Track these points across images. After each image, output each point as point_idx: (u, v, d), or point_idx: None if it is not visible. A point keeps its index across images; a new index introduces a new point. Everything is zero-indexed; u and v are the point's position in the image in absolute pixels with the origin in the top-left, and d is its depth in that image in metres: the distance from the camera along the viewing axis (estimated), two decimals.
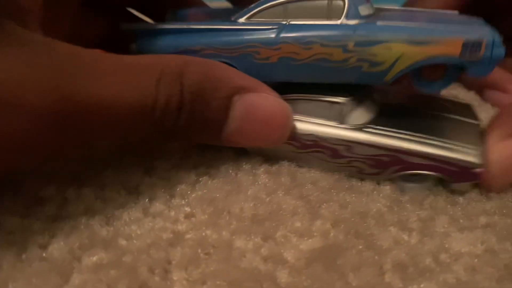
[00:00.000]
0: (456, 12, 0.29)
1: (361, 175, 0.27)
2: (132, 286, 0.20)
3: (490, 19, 0.26)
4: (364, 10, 0.26)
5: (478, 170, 0.25)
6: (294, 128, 0.27)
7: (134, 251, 0.21)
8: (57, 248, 0.21)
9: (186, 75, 0.23)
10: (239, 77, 0.25)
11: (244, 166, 0.28)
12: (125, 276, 0.20)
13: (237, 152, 0.29)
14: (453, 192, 0.27)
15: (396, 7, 0.30)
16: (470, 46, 0.23)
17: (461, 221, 0.24)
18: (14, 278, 0.20)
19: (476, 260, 0.22)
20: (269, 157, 0.29)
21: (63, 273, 0.20)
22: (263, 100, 0.25)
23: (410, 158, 0.25)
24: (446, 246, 0.22)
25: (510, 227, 0.24)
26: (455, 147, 0.25)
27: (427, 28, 0.24)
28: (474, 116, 0.30)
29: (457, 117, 0.29)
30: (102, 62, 0.22)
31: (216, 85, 0.24)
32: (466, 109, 0.31)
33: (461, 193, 0.26)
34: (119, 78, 0.22)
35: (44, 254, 0.21)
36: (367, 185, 0.27)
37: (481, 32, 0.24)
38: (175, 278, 0.20)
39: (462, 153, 0.25)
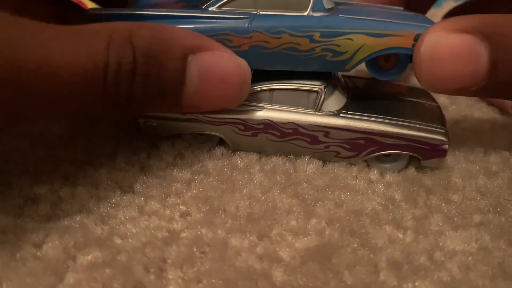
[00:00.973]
0: (401, 8, 0.32)
1: (338, 159, 0.29)
2: (127, 285, 0.20)
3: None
4: (327, 3, 0.27)
5: (445, 146, 0.27)
6: (272, 118, 0.28)
7: (129, 250, 0.21)
8: (52, 247, 0.21)
9: (137, 38, 0.23)
10: (191, 37, 0.25)
11: (239, 164, 0.28)
12: (120, 275, 0.20)
13: (232, 150, 0.29)
14: (447, 190, 0.27)
15: (349, 2, 0.32)
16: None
17: (455, 219, 0.24)
18: (9, 277, 0.20)
19: (470, 258, 0.22)
20: (256, 151, 0.29)
21: (58, 272, 0.20)
22: (218, 58, 0.25)
23: (384, 139, 0.28)
24: (441, 244, 0.23)
25: (504, 226, 0.24)
26: (424, 127, 0.28)
27: (385, 22, 0.26)
28: (432, 99, 0.32)
29: (419, 100, 0.32)
30: (49, 29, 0.21)
31: (169, 45, 0.23)
32: (425, 93, 0.33)
33: (456, 191, 0.27)
34: (66, 44, 0.21)
35: (38, 253, 0.21)
36: (362, 184, 0.27)
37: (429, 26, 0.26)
38: (170, 276, 0.20)
39: (431, 132, 0.27)
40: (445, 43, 0.24)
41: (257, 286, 0.20)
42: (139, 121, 0.29)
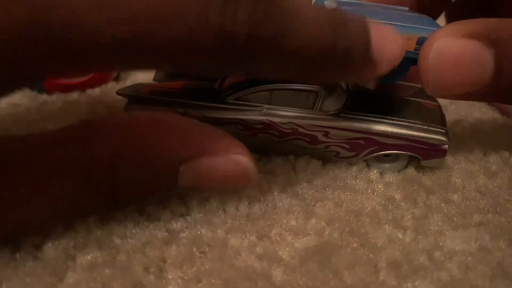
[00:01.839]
0: (406, 8, 0.31)
1: (338, 159, 0.29)
2: (126, 284, 0.20)
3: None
4: (330, 5, 0.27)
5: (445, 146, 0.27)
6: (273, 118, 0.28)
7: (129, 250, 0.21)
8: (51, 247, 0.21)
9: (119, 171, 0.21)
10: (187, 143, 0.22)
11: None
12: (119, 275, 0.20)
13: None
14: (447, 190, 0.27)
15: (352, 1, 0.31)
16: (423, 42, 0.25)
17: (455, 219, 0.24)
18: (8, 277, 0.20)
19: (469, 258, 0.22)
20: (255, 151, 0.29)
21: (58, 272, 0.20)
22: (217, 162, 0.22)
23: (384, 139, 0.27)
24: (440, 244, 0.23)
25: (504, 225, 0.24)
26: (424, 127, 0.27)
27: (387, 24, 0.26)
28: (433, 98, 0.32)
29: (419, 100, 0.31)
30: None
31: (155, 164, 0.22)
32: (423, 92, 0.33)
33: (456, 191, 0.27)
34: None
35: (38, 254, 0.21)
36: (362, 184, 0.27)
37: (433, 29, 0.25)
38: (170, 276, 0.20)
39: (431, 132, 0.27)
40: (454, 49, 0.24)
41: (256, 285, 0.20)
42: None
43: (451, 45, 0.24)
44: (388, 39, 0.23)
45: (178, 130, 0.22)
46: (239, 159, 0.22)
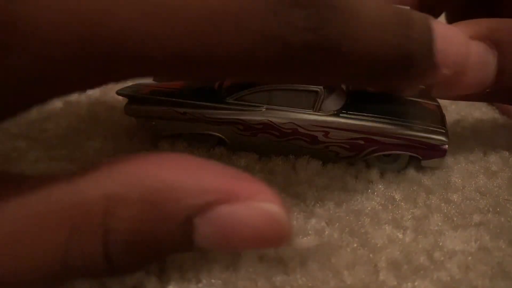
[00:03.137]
0: (407, 8, 0.31)
1: (338, 159, 0.29)
2: (126, 284, 0.20)
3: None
4: None
5: (445, 146, 0.27)
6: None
7: None
8: None
9: (114, 220, 0.16)
10: (201, 190, 0.17)
11: (239, 164, 0.28)
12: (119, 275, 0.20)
13: (232, 150, 0.29)
14: (447, 190, 0.27)
15: None
16: None
17: (455, 219, 0.24)
18: None
19: (469, 258, 0.22)
20: (255, 151, 0.29)
21: None
22: (242, 214, 0.17)
23: (384, 139, 0.27)
24: (440, 244, 0.23)
25: (504, 225, 0.24)
26: (424, 127, 0.27)
27: None
28: (433, 98, 0.32)
29: (418, 99, 0.31)
30: None
31: (163, 214, 0.17)
32: (423, 92, 0.33)
33: (456, 191, 0.27)
34: None
35: None
36: (362, 184, 0.27)
37: None
38: (170, 276, 0.20)
39: (431, 132, 0.27)
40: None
41: (256, 286, 0.20)
42: (138, 120, 0.29)
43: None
44: (453, 40, 0.21)
45: (192, 170, 0.18)
46: (270, 208, 0.17)
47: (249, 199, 0.17)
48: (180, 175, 0.17)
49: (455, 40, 0.21)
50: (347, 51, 0.18)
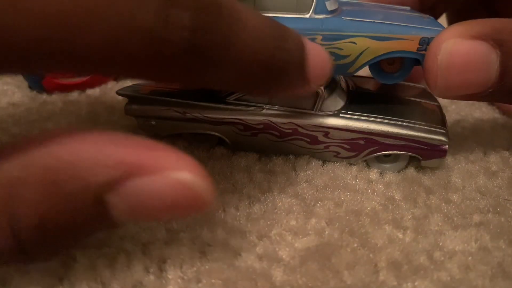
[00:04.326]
0: (408, 8, 0.31)
1: (338, 159, 0.29)
2: (126, 285, 0.20)
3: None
4: (330, 5, 0.27)
5: (445, 147, 0.27)
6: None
7: (129, 250, 0.21)
8: None
9: (18, 208, 0.16)
10: (104, 161, 0.16)
11: (239, 164, 0.28)
12: (120, 275, 0.20)
13: (232, 150, 0.29)
14: (447, 190, 0.27)
15: (355, 2, 0.31)
16: (426, 43, 0.25)
17: (455, 219, 0.24)
18: (9, 277, 0.20)
19: (469, 258, 0.22)
20: (255, 151, 0.29)
21: (58, 272, 0.20)
22: (153, 186, 0.16)
23: (384, 140, 0.27)
24: (440, 244, 0.23)
25: (504, 225, 0.24)
26: (424, 127, 0.27)
27: (390, 25, 0.26)
28: (432, 97, 0.32)
29: (419, 99, 0.32)
30: None
31: (68, 194, 0.16)
32: (424, 92, 0.33)
33: (456, 191, 0.27)
34: None
35: None
36: (362, 184, 0.27)
37: (435, 30, 0.25)
38: (170, 276, 0.20)
39: (431, 132, 0.27)
40: (462, 51, 0.24)
41: (256, 285, 0.20)
42: (138, 120, 0.29)
43: (459, 47, 0.24)
44: (320, 57, 0.22)
45: (97, 145, 0.17)
46: (182, 176, 0.17)
47: (159, 170, 0.16)
48: (83, 152, 0.16)
49: (322, 58, 0.22)
50: (227, 54, 0.18)
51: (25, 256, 0.17)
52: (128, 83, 0.37)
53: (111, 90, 0.39)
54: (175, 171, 0.17)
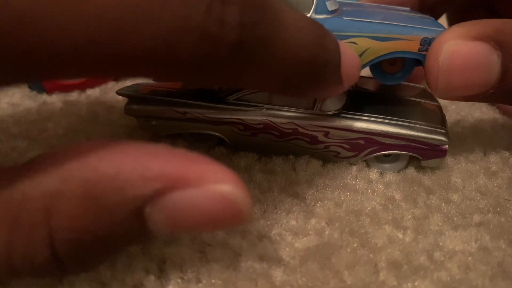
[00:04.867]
0: (408, 8, 0.31)
1: (338, 159, 0.29)
2: (127, 284, 0.20)
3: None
4: (331, 5, 0.27)
5: (445, 147, 0.27)
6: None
7: (129, 250, 0.21)
8: None
9: (56, 221, 0.15)
10: (145, 174, 0.16)
11: (239, 164, 0.28)
12: (119, 275, 0.20)
13: (232, 150, 0.29)
14: (447, 190, 0.27)
15: (355, 2, 0.31)
16: (427, 43, 0.25)
17: (455, 219, 0.24)
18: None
19: (469, 258, 0.22)
20: (255, 150, 0.29)
21: None
22: (194, 198, 0.16)
23: (384, 140, 0.27)
24: (440, 244, 0.23)
25: (504, 225, 0.24)
26: (424, 127, 0.27)
27: (391, 25, 0.26)
28: (432, 97, 0.32)
29: (419, 99, 0.32)
30: None
31: (107, 207, 0.16)
32: (424, 92, 0.33)
33: (456, 191, 0.27)
34: None
35: None
36: (362, 184, 0.27)
37: (436, 30, 0.26)
38: (170, 276, 0.20)
39: (431, 132, 0.27)
40: (464, 52, 0.24)
41: (256, 286, 0.20)
42: (138, 120, 0.29)
43: (460, 48, 0.24)
44: (353, 57, 0.23)
45: (137, 157, 0.16)
46: (224, 189, 0.16)
47: (200, 182, 0.16)
48: (123, 164, 0.16)
49: (353, 60, 0.22)
50: (271, 52, 0.18)
51: (61, 268, 0.16)
52: (128, 83, 0.37)
53: (111, 90, 0.39)
54: (216, 184, 0.16)
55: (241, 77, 0.19)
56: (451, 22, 0.42)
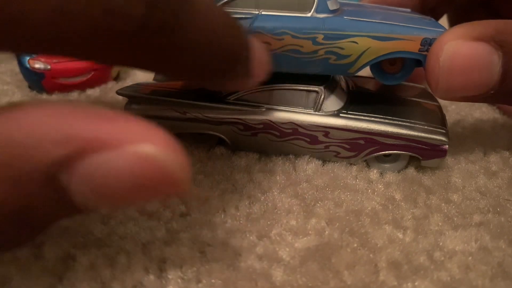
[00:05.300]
0: (408, 10, 0.31)
1: (338, 159, 0.29)
2: (126, 285, 0.20)
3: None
4: (332, 4, 0.27)
5: (445, 147, 0.27)
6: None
7: (129, 250, 0.21)
8: (52, 246, 0.21)
9: None
10: (55, 136, 0.14)
11: (239, 164, 0.28)
12: (119, 275, 0.20)
13: (232, 150, 0.29)
14: (447, 190, 0.27)
15: (355, 3, 0.31)
16: (428, 43, 0.25)
17: (455, 219, 0.24)
18: (9, 277, 0.20)
19: (470, 258, 0.22)
20: (255, 150, 0.29)
21: (58, 271, 0.20)
22: (114, 162, 0.14)
23: (385, 140, 0.27)
24: (440, 244, 0.23)
25: (504, 225, 0.24)
26: (424, 127, 0.27)
27: (391, 25, 0.26)
28: (432, 97, 0.32)
29: (419, 99, 0.32)
30: None
31: (20, 176, 0.14)
32: (424, 92, 0.33)
33: (456, 191, 0.27)
34: None
35: (38, 253, 0.21)
36: (362, 184, 0.27)
37: (437, 31, 0.26)
38: (170, 276, 0.20)
39: (431, 132, 0.27)
40: (464, 52, 0.24)
41: (256, 285, 0.20)
42: None
43: (461, 48, 0.24)
44: (263, 52, 0.23)
45: (49, 119, 0.14)
46: (144, 150, 0.14)
47: (118, 144, 0.14)
48: (33, 127, 0.14)
49: (264, 51, 0.23)
50: (182, 34, 0.17)
51: None
52: (128, 83, 0.37)
53: (111, 90, 0.39)
54: (135, 144, 0.14)
55: (153, 57, 0.17)
56: (452, 23, 0.42)
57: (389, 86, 0.33)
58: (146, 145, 0.14)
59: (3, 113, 0.14)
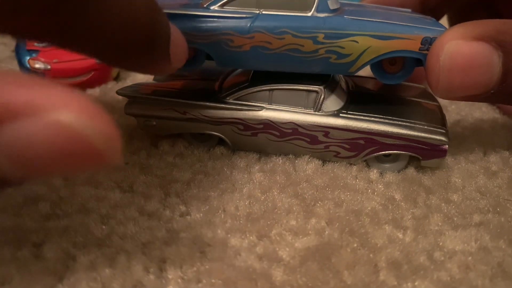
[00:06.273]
0: (409, 10, 0.31)
1: (338, 159, 0.29)
2: (127, 284, 0.20)
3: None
4: (332, 4, 0.27)
5: (445, 146, 0.27)
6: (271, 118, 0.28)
7: (129, 250, 0.21)
8: (52, 246, 0.21)
9: None
10: None
11: (239, 164, 0.28)
12: (120, 275, 0.20)
13: (232, 150, 0.29)
14: (447, 190, 0.27)
15: (356, 3, 0.31)
16: (428, 42, 0.25)
17: (455, 219, 0.24)
18: (9, 276, 0.20)
19: (469, 258, 0.22)
20: (255, 150, 0.29)
21: (58, 271, 0.20)
22: (31, 131, 0.13)
23: (384, 140, 0.27)
24: (440, 244, 0.23)
25: (504, 225, 0.24)
26: (424, 127, 0.27)
27: (392, 24, 0.26)
28: (432, 97, 0.32)
29: (419, 99, 0.32)
30: None
31: None
32: (424, 92, 0.33)
33: (456, 191, 0.27)
34: None
35: (38, 253, 0.21)
36: (362, 184, 0.27)
37: (437, 30, 0.26)
38: (170, 276, 0.20)
39: (431, 132, 0.27)
40: (465, 52, 0.24)
41: (256, 285, 0.20)
42: (138, 120, 0.29)
43: (462, 48, 0.24)
44: (180, 41, 0.23)
45: None
46: (61, 117, 0.13)
47: (35, 111, 0.13)
48: None
49: (182, 38, 0.23)
50: (102, 7, 0.17)
51: None
52: (128, 83, 0.37)
53: (111, 90, 0.39)
54: (52, 111, 0.13)
55: (73, 30, 0.17)
56: (452, 23, 0.42)
57: (389, 86, 0.33)
58: (62, 112, 0.13)
59: None
